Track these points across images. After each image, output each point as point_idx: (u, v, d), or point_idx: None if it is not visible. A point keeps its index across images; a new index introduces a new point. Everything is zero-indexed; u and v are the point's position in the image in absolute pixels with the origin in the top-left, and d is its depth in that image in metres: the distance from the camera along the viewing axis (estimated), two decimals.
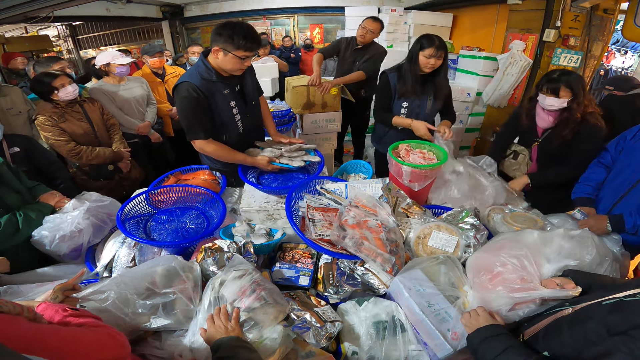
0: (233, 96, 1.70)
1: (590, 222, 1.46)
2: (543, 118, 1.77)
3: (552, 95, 1.66)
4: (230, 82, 1.68)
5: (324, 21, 6.57)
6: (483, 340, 0.88)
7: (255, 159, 1.71)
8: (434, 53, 1.86)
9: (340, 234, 1.16)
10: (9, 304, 0.73)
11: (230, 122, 1.75)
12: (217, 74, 1.61)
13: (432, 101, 2.05)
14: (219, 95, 1.64)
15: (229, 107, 1.70)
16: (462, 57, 3.74)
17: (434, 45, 1.85)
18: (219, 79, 1.62)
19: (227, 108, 1.70)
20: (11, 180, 1.52)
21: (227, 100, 1.68)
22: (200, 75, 1.59)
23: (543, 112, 1.76)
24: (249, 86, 1.80)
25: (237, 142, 1.79)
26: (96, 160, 2.25)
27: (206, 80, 1.59)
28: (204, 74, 1.60)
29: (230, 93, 1.69)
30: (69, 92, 2.10)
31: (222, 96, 1.66)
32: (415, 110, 2.06)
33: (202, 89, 1.57)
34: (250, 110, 1.84)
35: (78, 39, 7.92)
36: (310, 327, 0.99)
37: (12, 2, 2.75)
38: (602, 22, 2.81)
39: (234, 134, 1.79)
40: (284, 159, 1.72)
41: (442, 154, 1.62)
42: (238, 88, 1.74)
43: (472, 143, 3.85)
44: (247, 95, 1.79)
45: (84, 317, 0.81)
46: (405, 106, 2.07)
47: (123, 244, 1.40)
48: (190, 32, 7.11)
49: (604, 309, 0.75)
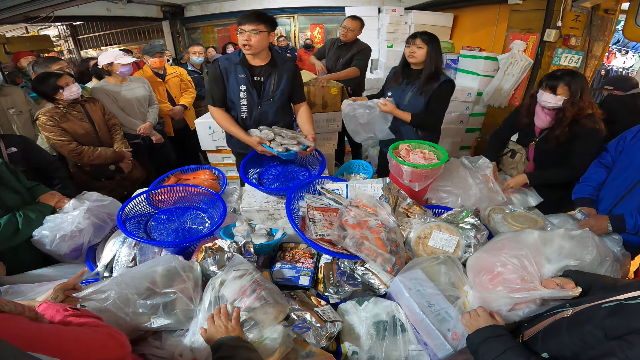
0: (246, 82, 1.85)
1: (591, 222, 1.46)
2: (541, 118, 1.77)
3: (549, 92, 1.66)
4: (251, 70, 1.84)
5: (324, 21, 6.56)
6: (483, 341, 0.88)
7: (248, 137, 1.81)
8: (410, 41, 1.95)
9: (341, 233, 1.16)
10: (10, 303, 0.73)
11: (236, 104, 1.89)
12: (242, 59, 1.82)
13: (413, 93, 2.02)
14: (232, 75, 1.84)
15: (237, 89, 1.86)
16: (463, 57, 3.74)
17: (413, 35, 1.95)
18: (241, 64, 1.82)
19: (235, 89, 1.86)
20: (10, 181, 1.52)
21: (239, 83, 1.84)
22: (228, 55, 1.88)
23: (541, 112, 1.76)
24: (272, 85, 1.90)
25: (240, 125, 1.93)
26: (98, 161, 2.25)
27: (228, 60, 1.84)
28: (232, 56, 1.87)
29: (245, 79, 1.84)
30: (74, 91, 2.12)
31: (235, 77, 1.84)
32: (397, 100, 2.09)
33: (221, 66, 1.84)
34: (263, 104, 1.90)
35: (79, 39, 7.92)
36: (311, 327, 0.99)
37: (13, 2, 2.75)
38: (603, 22, 2.81)
39: (237, 117, 1.93)
40: (273, 143, 1.75)
41: (443, 154, 1.61)
42: (258, 79, 1.87)
43: (473, 143, 3.85)
44: (264, 90, 1.89)
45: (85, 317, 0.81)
46: (389, 95, 2.12)
47: (123, 243, 1.40)
48: (190, 32, 7.11)
49: (603, 312, 0.75)
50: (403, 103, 2.06)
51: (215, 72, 1.84)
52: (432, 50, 1.92)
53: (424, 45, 1.91)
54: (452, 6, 4.50)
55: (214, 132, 2.60)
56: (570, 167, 1.72)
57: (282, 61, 1.90)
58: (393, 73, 2.16)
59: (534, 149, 1.84)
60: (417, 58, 1.94)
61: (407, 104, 2.05)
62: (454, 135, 3.71)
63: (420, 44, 1.91)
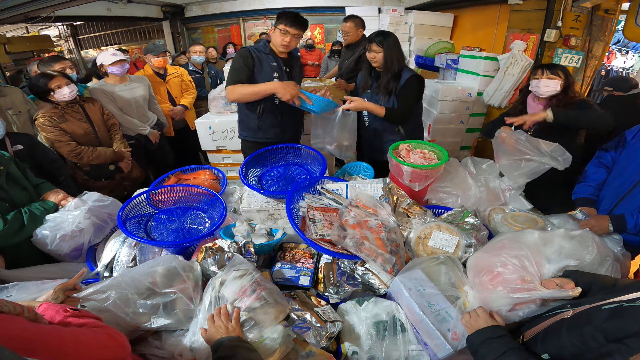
0: (278, 70, 1.98)
1: (591, 223, 1.45)
2: (534, 108, 1.80)
3: (550, 77, 1.69)
4: (280, 59, 1.99)
5: (325, 21, 6.57)
6: (483, 342, 0.87)
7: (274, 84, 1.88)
8: (367, 46, 1.95)
9: (341, 233, 1.16)
10: (9, 304, 0.73)
11: None
12: (271, 50, 1.98)
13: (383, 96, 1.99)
14: (266, 63, 1.96)
15: (271, 76, 1.96)
16: (463, 57, 3.73)
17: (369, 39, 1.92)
18: (271, 53, 1.97)
19: (269, 76, 1.96)
20: (18, 178, 1.53)
21: (272, 70, 1.97)
22: (256, 46, 2.01)
23: (534, 102, 1.80)
24: (296, 73, 2.13)
25: (271, 114, 2.07)
26: (97, 161, 2.25)
27: (259, 50, 1.97)
28: (260, 46, 1.99)
29: (277, 67, 1.98)
30: (65, 93, 2.06)
31: (269, 65, 1.97)
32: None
33: (254, 53, 1.95)
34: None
35: (79, 39, 7.93)
36: (311, 327, 0.99)
37: (13, 2, 2.76)
38: (603, 22, 2.81)
39: (269, 104, 2.03)
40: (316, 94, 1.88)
41: (443, 154, 1.61)
42: (285, 69, 2.02)
43: (473, 143, 3.84)
44: (293, 77, 2.06)
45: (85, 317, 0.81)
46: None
47: (124, 243, 1.40)
48: (191, 32, 7.12)
49: (604, 314, 0.75)
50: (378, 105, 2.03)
51: (247, 56, 1.93)
52: (388, 52, 1.88)
53: (379, 49, 1.88)
54: (452, 6, 4.50)
55: (214, 132, 2.60)
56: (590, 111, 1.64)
57: (294, 56, 2.13)
58: (361, 78, 2.13)
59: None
60: (378, 62, 1.93)
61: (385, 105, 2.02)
62: (454, 135, 3.71)
63: (376, 49, 1.89)
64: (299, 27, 1.87)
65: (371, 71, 2.06)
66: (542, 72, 1.72)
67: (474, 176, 1.68)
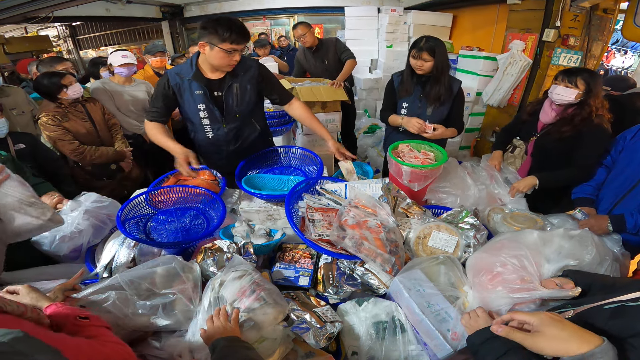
0: (205, 100, 1.66)
1: (591, 222, 1.46)
2: (547, 112, 1.76)
3: (564, 85, 1.61)
4: (208, 85, 1.64)
5: (324, 21, 6.56)
6: (484, 342, 0.87)
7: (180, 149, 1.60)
8: (415, 54, 1.87)
9: (340, 234, 1.16)
10: (12, 303, 0.72)
11: (198, 125, 1.76)
12: (196, 73, 1.61)
13: (435, 106, 1.99)
14: (187, 94, 1.65)
15: (196, 108, 1.69)
16: (462, 57, 3.74)
17: (417, 46, 1.86)
18: (195, 79, 1.61)
19: (193, 108, 1.69)
20: None
21: (197, 101, 1.67)
22: (178, 71, 1.65)
23: (549, 107, 1.75)
24: (233, 98, 1.69)
25: (206, 147, 1.83)
26: (99, 160, 2.26)
27: (179, 75, 1.63)
28: (182, 71, 1.64)
29: (203, 95, 1.64)
30: (77, 90, 2.14)
31: (191, 95, 1.65)
32: (416, 112, 2.03)
33: (172, 83, 1.63)
34: (230, 122, 1.76)
35: (78, 39, 7.92)
36: (310, 327, 0.99)
37: (12, 3, 2.76)
38: (601, 21, 2.81)
39: (202, 138, 1.80)
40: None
41: (442, 154, 1.61)
42: (218, 94, 1.67)
43: (472, 143, 3.85)
44: (227, 105, 1.70)
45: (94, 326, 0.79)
46: (405, 107, 2.06)
47: (123, 244, 1.39)
48: (190, 33, 7.10)
49: (605, 314, 0.74)
50: (426, 114, 2.01)
51: (164, 90, 1.62)
52: (440, 61, 1.85)
53: (430, 58, 1.84)
54: (451, 6, 4.50)
55: None
56: (578, 167, 1.67)
57: (243, 70, 1.68)
58: (400, 82, 2.06)
59: (533, 144, 1.85)
60: (425, 70, 1.89)
61: (430, 115, 2.01)
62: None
63: (426, 57, 1.84)
64: (246, 39, 1.53)
65: (413, 76, 1.99)
66: (562, 79, 1.64)
67: (473, 176, 1.68)
